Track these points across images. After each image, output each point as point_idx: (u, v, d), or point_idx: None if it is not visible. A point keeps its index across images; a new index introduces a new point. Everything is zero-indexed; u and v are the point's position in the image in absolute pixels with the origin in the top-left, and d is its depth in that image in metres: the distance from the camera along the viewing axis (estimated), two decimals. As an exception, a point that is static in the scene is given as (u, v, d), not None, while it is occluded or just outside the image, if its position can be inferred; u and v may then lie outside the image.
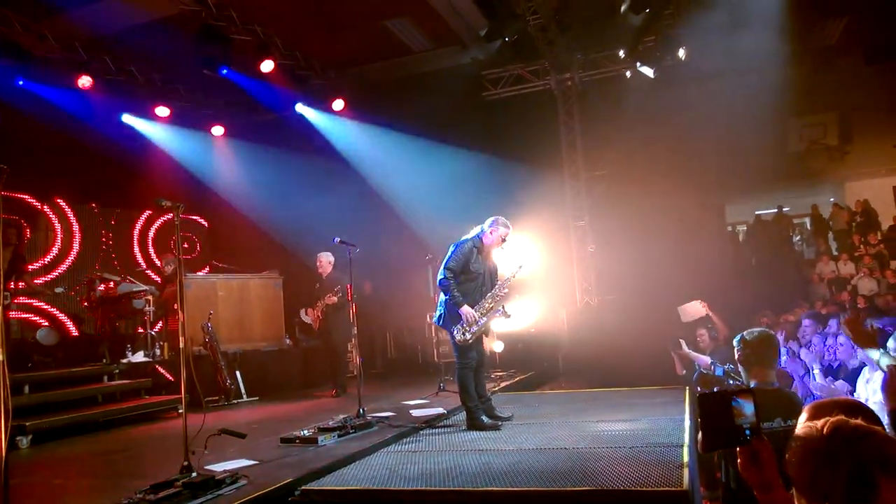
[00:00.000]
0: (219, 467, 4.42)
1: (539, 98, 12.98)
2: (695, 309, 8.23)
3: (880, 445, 1.53)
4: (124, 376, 8.25)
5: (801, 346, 6.58)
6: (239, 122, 12.88)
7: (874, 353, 3.77)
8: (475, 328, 5.91)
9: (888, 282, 12.47)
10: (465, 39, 12.13)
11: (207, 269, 12.54)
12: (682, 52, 11.24)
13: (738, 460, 1.88)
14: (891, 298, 10.92)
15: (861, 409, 2.08)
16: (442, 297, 6.07)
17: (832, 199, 17.12)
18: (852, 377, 5.11)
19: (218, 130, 12.97)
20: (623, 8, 10.14)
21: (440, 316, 6.09)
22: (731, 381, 4.08)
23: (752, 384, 3.79)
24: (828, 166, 15.73)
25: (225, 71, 10.43)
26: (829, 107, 14.46)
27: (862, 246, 14.39)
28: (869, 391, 4.59)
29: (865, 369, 4.79)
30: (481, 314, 5.94)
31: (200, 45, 9.69)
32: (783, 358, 5.60)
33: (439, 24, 11.50)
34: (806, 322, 7.38)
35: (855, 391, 4.86)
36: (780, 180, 16.42)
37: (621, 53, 11.97)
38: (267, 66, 10.70)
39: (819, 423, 1.63)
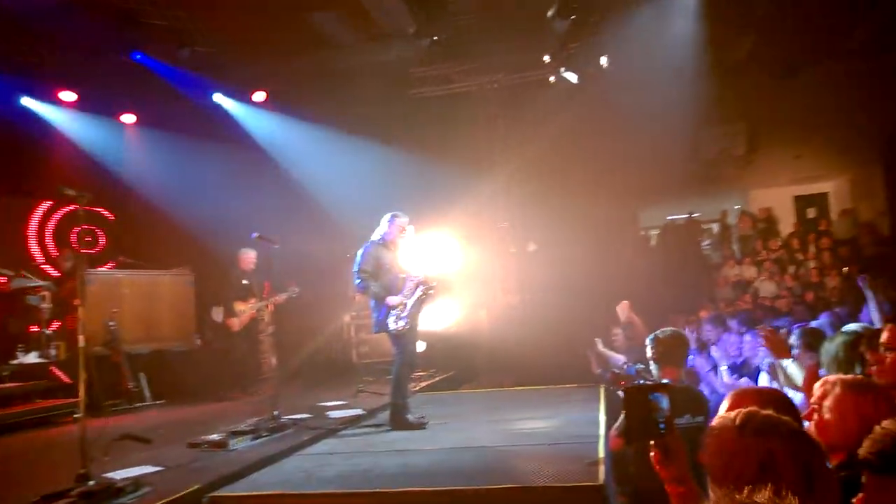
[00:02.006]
0: (119, 475, 4.14)
1: (465, 98, 13.01)
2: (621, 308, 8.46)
3: (788, 436, 1.58)
4: (15, 378, 7.67)
5: (704, 348, 6.81)
6: (152, 110, 12.24)
7: (787, 363, 3.93)
8: (405, 312, 5.94)
9: (787, 285, 13.18)
10: (392, 36, 12.00)
11: (112, 264, 11.86)
12: (604, 60, 11.52)
13: (652, 453, 1.91)
14: (791, 301, 11.53)
15: (779, 399, 2.15)
16: (371, 303, 6.08)
17: (737, 206, 17.99)
18: (756, 374, 5.31)
19: (129, 118, 12.31)
20: (550, 13, 10.30)
21: (376, 320, 6.06)
22: (642, 381, 4.17)
23: (664, 381, 3.87)
24: (735, 174, 16.50)
25: (139, 56, 9.92)
26: (738, 118, 15.15)
27: (764, 251, 15.17)
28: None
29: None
30: (406, 298, 6.00)
31: (113, 29, 9.18)
32: (690, 356, 5.78)
33: (366, 20, 11.31)
34: (707, 327, 7.66)
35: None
36: (692, 187, 17.11)
37: (546, 58, 12.14)
38: (184, 53, 10.25)
39: (732, 413, 1.68)
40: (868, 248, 14.70)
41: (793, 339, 4.28)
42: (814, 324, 5.48)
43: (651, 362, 3.97)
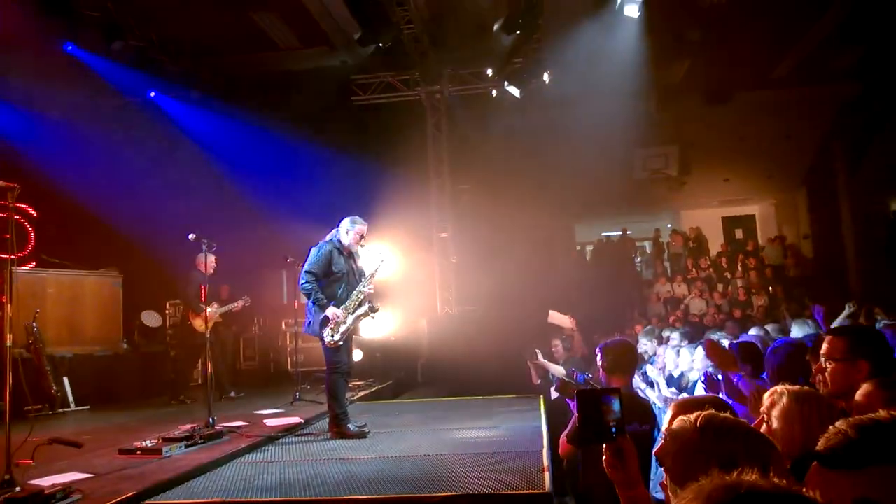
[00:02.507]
0: (47, 481, 3.90)
1: (408, 108, 13.03)
2: (561, 319, 8.57)
3: (746, 437, 1.64)
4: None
5: (640, 362, 6.98)
6: (82, 104, 11.72)
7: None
8: (344, 327, 5.76)
9: (715, 302, 13.70)
10: (336, 42, 11.90)
11: (34, 263, 11.25)
12: (546, 77, 11.75)
13: (604, 457, 1.93)
14: (721, 318, 11.98)
15: (720, 406, 2.22)
16: (308, 304, 5.88)
17: (669, 225, 18.63)
18: (692, 387, 5.46)
19: (56, 112, 11.74)
20: (495, 27, 10.44)
21: (309, 322, 5.87)
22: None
23: (615, 387, 3.94)
24: (667, 195, 17.10)
25: (70, 48, 9.49)
26: (671, 140, 15.72)
27: (694, 269, 15.74)
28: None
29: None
30: (348, 312, 5.80)
31: (43, 18, 8.75)
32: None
33: (309, 24, 11.17)
34: (643, 340, 7.86)
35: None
36: (625, 205, 17.64)
37: (489, 72, 12.30)
38: (117, 46, 9.87)
39: (692, 416, 1.73)
40: (792, 270, 15.45)
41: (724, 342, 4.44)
42: (744, 338, 5.71)
43: (600, 370, 4.03)
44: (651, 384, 5.88)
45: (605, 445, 1.92)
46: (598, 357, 4.07)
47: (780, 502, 1.05)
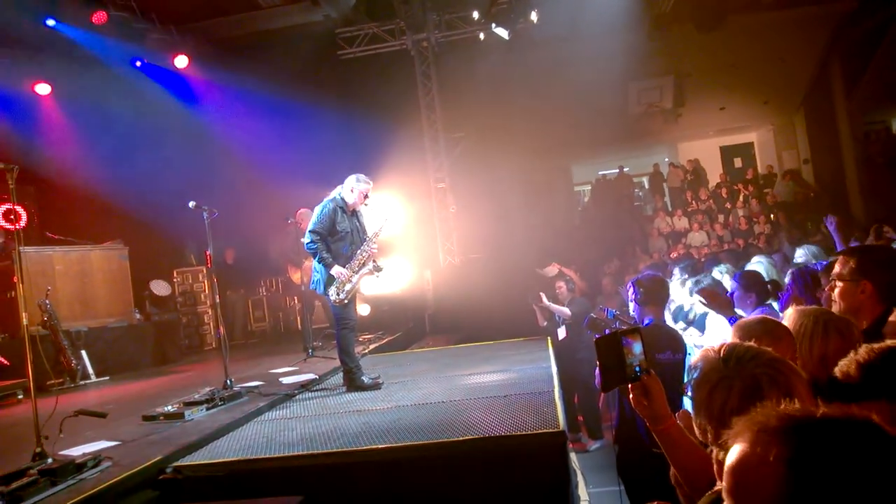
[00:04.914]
0: (76, 451, 4.05)
1: (396, 58, 12.84)
2: (551, 269, 8.75)
3: (769, 363, 1.68)
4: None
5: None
6: (69, 78, 11.57)
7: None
8: (349, 286, 5.84)
9: (717, 234, 13.76)
10: (319, -4, 11.69)
11: (39, 241, 11.31)
12: (534, 15, 11.54)
13: (630, 396, 1.98)
14: (721, 247, 12.05)
15: (783, 329, 2.27)
16: (314, 262, 5.94)
17: (666, 159, 18.54)
18: (701, 322, 5.52)
19: (44, 88, 11.61)
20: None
21: (315, 281, 5.96)
22: (619, 324, 4.34)
23: (648, 321, 4.05)
24: (663, 128, 16.98)
25: (52, 22, 9.33)
26: (665, 72, 15.52)
27: (693, 202, 15.75)
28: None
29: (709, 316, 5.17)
30: (353, 272, 5.88)
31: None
32: (631, 305, 5.98)
33: (291, -21, 10.97)
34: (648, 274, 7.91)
35: (703, 336, 5.26)
36: (621, 142, 17.54)
37: (475, 14, 12.08)
38: (99, 17, 9.72)
39: (716, 346, 1.78)
40: (794, 195, 15.43)
41: (731, 284, 4.50)
42: (748, 266, 5.77)
43: (633, 304, 4.14)
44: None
45: (630, 385, 1.96)
46: (631, 291, 4.17)
47: (843, 426, 0.97)
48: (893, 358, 1.64)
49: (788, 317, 2.41)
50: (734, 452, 1.01)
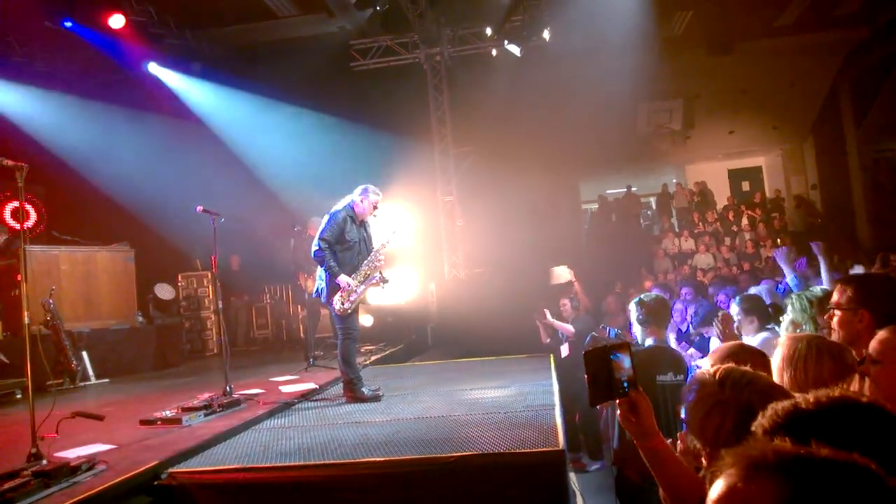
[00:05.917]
0: (72, 454, 4.02)
1: (409, 71, 12.92)
2: (562, 272, 8.60)
3: (765, 389, 1.67)
4: (-54, 360, 7.31)
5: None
6: (84, 80, 11.69)
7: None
8: (354, 296, 5.83)
9: (723, 256, 13.71)
10: (333, 7, 11.77)
11: (46, 240, 11.35)
12: (546, 34, 11.60)
13: (618, 412, 1.96)
14: (730, 271, 12.00)
15: (761, 355, 2.25)
16: (320, 270, 5.94)
17: (675, 180, 18.53)
18: (705, 344, 5.49)
19: (59, 88, 11.71)
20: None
21: (320, 289, 5.95)
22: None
23: (650, 342, 4.02)
24: (671, 149, 16.99)
25: (69, 24, 9.42)
26: (675, 94, 15.55)
27: (700, 224, 15.71)
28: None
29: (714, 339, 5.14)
30: (359, 282, 5.87)
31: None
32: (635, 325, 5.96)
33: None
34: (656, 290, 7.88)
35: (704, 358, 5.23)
36: (629, 161, 17.54)
37: (489, 31, 12.15)
38: (116, 21, 9.81)
39: (712, 369, 1.75)
40: (801, 222, 15.36)
41: (734, 307, 4.48)
42: (753, 290, 5.75)
43: (636, 324, 4.11)
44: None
45: (618, 401, 1.93)
46: (633, 311, 4.14)
47: (846, 470, 0.92)
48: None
49: (782, 343, 2.38)
50: (722, 486, 0.96)
